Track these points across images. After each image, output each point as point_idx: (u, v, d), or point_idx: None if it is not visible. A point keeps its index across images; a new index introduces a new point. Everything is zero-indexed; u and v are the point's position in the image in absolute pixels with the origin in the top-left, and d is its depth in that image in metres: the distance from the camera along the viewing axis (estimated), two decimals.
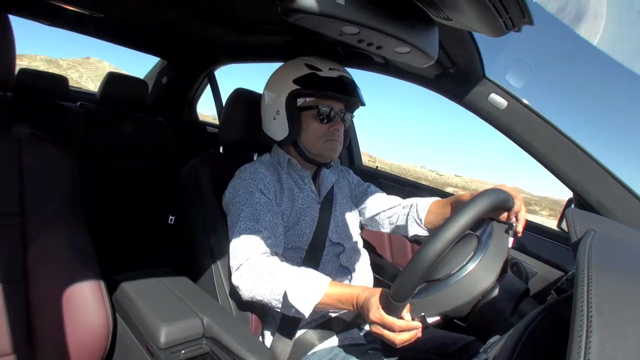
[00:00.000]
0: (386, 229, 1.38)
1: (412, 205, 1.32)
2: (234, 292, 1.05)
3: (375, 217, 1.39)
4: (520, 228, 0.97)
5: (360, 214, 1.42)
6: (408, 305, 0.82)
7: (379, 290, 0.88)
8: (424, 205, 1.29)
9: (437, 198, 1.30)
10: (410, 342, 0.84)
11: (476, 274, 0.84)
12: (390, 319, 0.81)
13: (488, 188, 0.92)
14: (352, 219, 1.36)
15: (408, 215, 1.31)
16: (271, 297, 0.96)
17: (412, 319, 0.84)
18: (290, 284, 0.93)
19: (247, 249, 1.03)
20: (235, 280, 1.02)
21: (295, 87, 1.16)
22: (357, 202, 1.42)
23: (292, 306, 0.93)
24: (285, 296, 0.93)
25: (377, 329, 0.84)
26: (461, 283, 0.84)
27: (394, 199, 1.38)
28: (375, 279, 1.33)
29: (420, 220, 1.28)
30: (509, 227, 0.95)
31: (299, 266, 1.02)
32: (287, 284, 0.94)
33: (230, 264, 1.05)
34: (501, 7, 0.69)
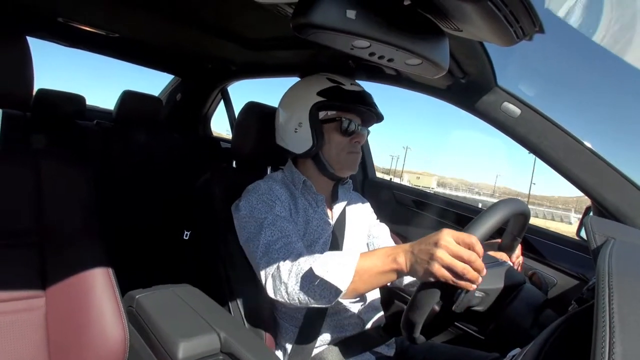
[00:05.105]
0: None
1: None
2: (247, 305, 1.04)
3: None
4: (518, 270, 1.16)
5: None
6: None
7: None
8: None
9: None
10: (475, 282, 0.82)
11: (512, 270, 1.01)
12: (468, 248, 0.80)
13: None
14: (363, 244, 1.36)
15: None
16: (309, 290, 0.93)
17: None
18: (322, 267, 0.91)
19: (277, 255, 1.01)
20: (271, 290, 0.99)
21: (320, 99, 1.17)
22: (368, 239, 1.40)
23: (332, 287, 0.90)
24: (323, 280, 0.90)
25: (446, 259, 0.80)
26: (505, 270, 0.98)
27: None
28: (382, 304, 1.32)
29: None
30: None
31: None
32: (319, 268, 0.91)
33: (261, 275, 1.02)
34: (511, 17, 0.69)
